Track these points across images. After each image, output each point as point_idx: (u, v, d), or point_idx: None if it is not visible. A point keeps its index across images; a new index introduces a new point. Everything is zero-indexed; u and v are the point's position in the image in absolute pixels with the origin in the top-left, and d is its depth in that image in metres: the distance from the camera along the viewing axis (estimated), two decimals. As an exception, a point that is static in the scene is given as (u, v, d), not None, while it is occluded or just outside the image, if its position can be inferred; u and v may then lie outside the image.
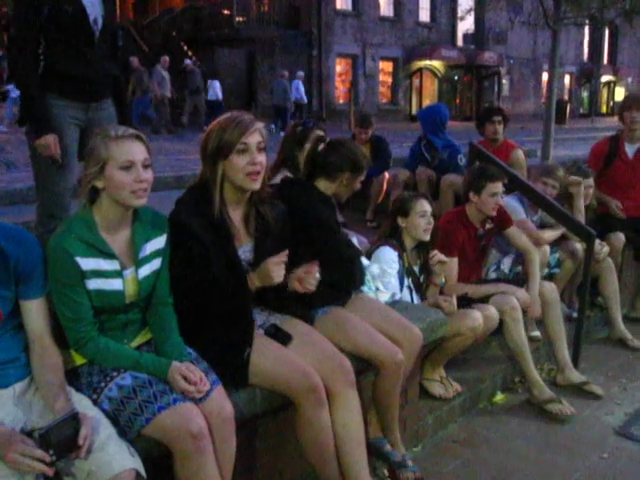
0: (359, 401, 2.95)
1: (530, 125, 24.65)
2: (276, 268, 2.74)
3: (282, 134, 10.07)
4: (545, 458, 3.72)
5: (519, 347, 4.23)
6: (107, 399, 2.41)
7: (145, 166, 2.44)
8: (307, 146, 4.08)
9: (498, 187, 4.36)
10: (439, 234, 4.12)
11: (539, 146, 13.31)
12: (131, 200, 2.42)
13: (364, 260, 3.66)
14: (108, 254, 2.46)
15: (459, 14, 29.62)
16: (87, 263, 2.40)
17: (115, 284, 2.48)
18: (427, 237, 3.99)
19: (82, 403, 2.33)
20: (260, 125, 2.78)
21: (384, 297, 3.67)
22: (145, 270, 2.56)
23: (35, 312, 2.40)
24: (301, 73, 22.23)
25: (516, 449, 3.81)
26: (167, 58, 18.51)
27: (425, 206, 3.99)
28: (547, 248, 4.90)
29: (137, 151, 2.43)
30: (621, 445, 3.88)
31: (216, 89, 19.82)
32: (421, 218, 3.96)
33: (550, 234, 4.97)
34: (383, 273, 3.77)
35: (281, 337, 2.91)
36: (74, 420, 2.09)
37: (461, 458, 3.69)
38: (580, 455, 3.75)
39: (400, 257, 3.93)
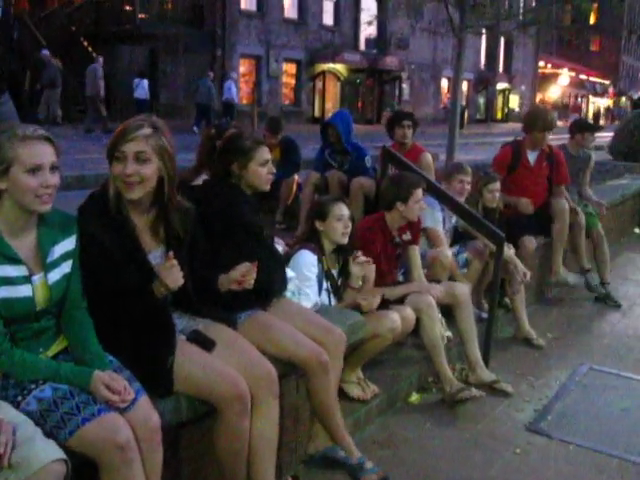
0: (279, 412, 2.94)
1: (430, 130, 25.22)
2: (168, 273, 2.63)
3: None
4: (462, 455, 3.80)
5: (434, 344, 4.31)
6: (25, 414, 2.27)
7: (52, 169, 2.32)
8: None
9: (421, 193, 4.46)
10: (357, 240, 4.14)
11: (440, 150, 13.62)
12: (35, 205, 2.31)
13: (288, 272, 3.62)
14: (14, 259, 2.33)
15: (363, 19, 30.06)
16: None
17: (23, 291, 2.36)
18: (345, 240, 4.00)
19: (1, 408, 2.21)
20: (146, 132, 2.63)
21: (306, 303, 3.65)
22: (55, 275, 2.45)
23: None
24: (234, 74, 23.32)
25: (434, 448, 3.87)
26: (101, 58, 18.95)
27: (343, 210, 4.00)
28: (449, 254, 5.01)
29: (45, 153, 2.31)
30: (532, 440, 4.01)
31: (144, 88, 20.09)
32: (338, 222, 3.96)
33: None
34: (303, 280, 3.76)
35: (204, 343, 2.85)
36: (-10, 429, 1.98)
37: (381, 459, 3.68)
38: (494, 451, 3.85)
39: (319, 261, 3.93)
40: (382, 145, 5.80)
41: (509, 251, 5.27)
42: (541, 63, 49.98)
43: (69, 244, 2.51)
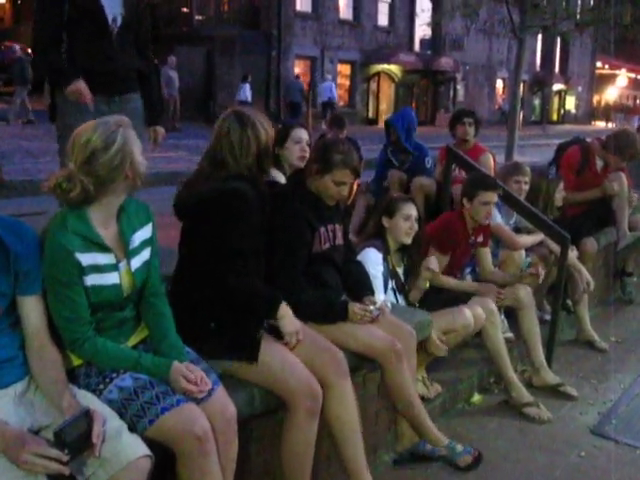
0: (354, 393, 2.96)
1: (484, 131, 24.91)
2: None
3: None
4: (526, 457, 3.78)
5: (497, 350, 4.30)
6: (107, 402, 2.35)
7: None
8: (289, 145, 4.06)
9: (490, 197, 4.40)
10: (438, 231, 4.17)
11: (495, 152, 13.44)
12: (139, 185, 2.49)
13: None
14: (104, 247, 2.41)
15: (418, 20, 29.89)
16: (85, 258, 2.36)
17: (112, 278, 2.44)
18: (408, 240, 4.01)
19: (87, 398, 2.29)
20: None
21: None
22: (136, 262, 2.53)
23: (34, 308, 2.33)
24: (329, 76, 26.23)
25: (497, 449, 3.86)
26: (174, 58, 19.60)
27: (411, 210, 4.02)
28: (522, 251, 5.00)
29: None
30: (597, 444, 3.97)
31: (246, 91, 21.36)
32: (404, 221, 3.99)
33: (527, 239, 5.05)
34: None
35: (278, 333, 2.91)
36: (86, 417, 2.05)
37: (444, 458, 3.72)
38: (559, 454, 3.83)
39: (385, 259, 3.95)
40: (445, 145, 5.80)
41: (572, 254, 5.22)
42: (598, 64, 49.01)
43: (146, 232, 2.59)
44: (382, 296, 3.83)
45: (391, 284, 3.98)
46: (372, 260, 3.87)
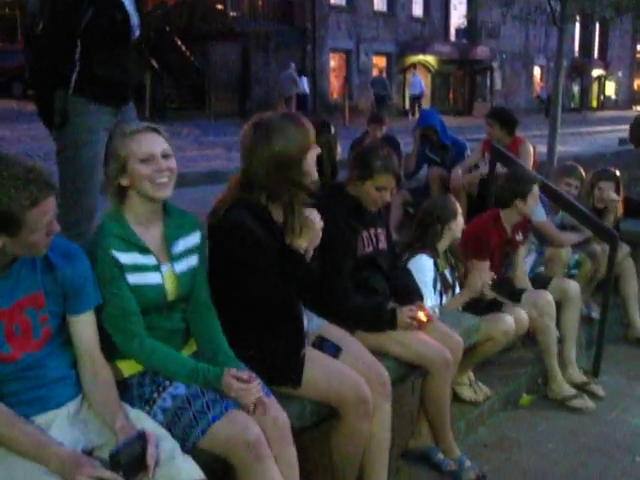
0: (391, 416, 2.93)
1: (523, 120, 24.55)
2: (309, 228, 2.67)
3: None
4: (578, 461, 3.71)
5: (549, 344, 4.30)
6: (161, 411, 2.35)
7: (165, 156, 2.43)
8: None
9: (537, 189, 4.37)
10: (471, 239, 4.12)
11: (535, 141, 13.19)
12: (154, 192, 2.40)
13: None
14: (143, 248, 2.42)
15: (452, 9, 29.57)
16: (125, 257, 2.38)
17: (154, 278, 2.44)
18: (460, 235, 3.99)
19: (140, 418, 2.27)
20: None
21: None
22: (181, 266, 2.51)
23: (85, 326, 2.32)
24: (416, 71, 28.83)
25: (548, 452, 3.80)
26: (293, 64, 22.32)
27: (458, 206, 4.01)
28: (569, 249, 4.91)
29: (154, 143, 2.42)
30: (653, 448, 3.88)
31: (304, 84, 22.80)
32: (455, 221, 3.95)
33: (572, 237, 4.96)
34: (421, 285, 3.72)
35: (329, 349, 2.89)
36: (140, 439, 2.04)
37: (494, 462, 3.67)
38: (613, 458, 3.75)
39: (435, 264, 3.90)
40: (486, 138, 5.81)
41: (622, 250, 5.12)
42: (639, 47, 48.01)
43: (193, 239, 2.57)
44: (430, 302, 3.78)
45: (439, 287, 3.92)
46: (424, 267, 3.79)
